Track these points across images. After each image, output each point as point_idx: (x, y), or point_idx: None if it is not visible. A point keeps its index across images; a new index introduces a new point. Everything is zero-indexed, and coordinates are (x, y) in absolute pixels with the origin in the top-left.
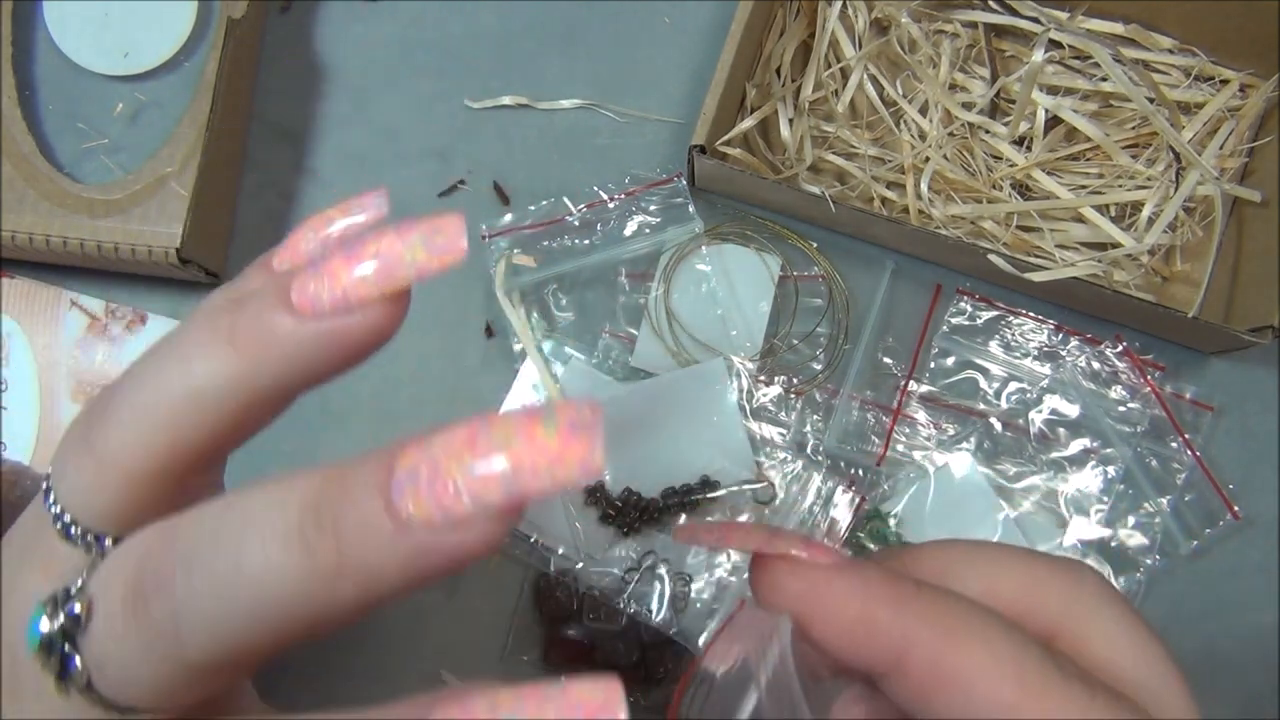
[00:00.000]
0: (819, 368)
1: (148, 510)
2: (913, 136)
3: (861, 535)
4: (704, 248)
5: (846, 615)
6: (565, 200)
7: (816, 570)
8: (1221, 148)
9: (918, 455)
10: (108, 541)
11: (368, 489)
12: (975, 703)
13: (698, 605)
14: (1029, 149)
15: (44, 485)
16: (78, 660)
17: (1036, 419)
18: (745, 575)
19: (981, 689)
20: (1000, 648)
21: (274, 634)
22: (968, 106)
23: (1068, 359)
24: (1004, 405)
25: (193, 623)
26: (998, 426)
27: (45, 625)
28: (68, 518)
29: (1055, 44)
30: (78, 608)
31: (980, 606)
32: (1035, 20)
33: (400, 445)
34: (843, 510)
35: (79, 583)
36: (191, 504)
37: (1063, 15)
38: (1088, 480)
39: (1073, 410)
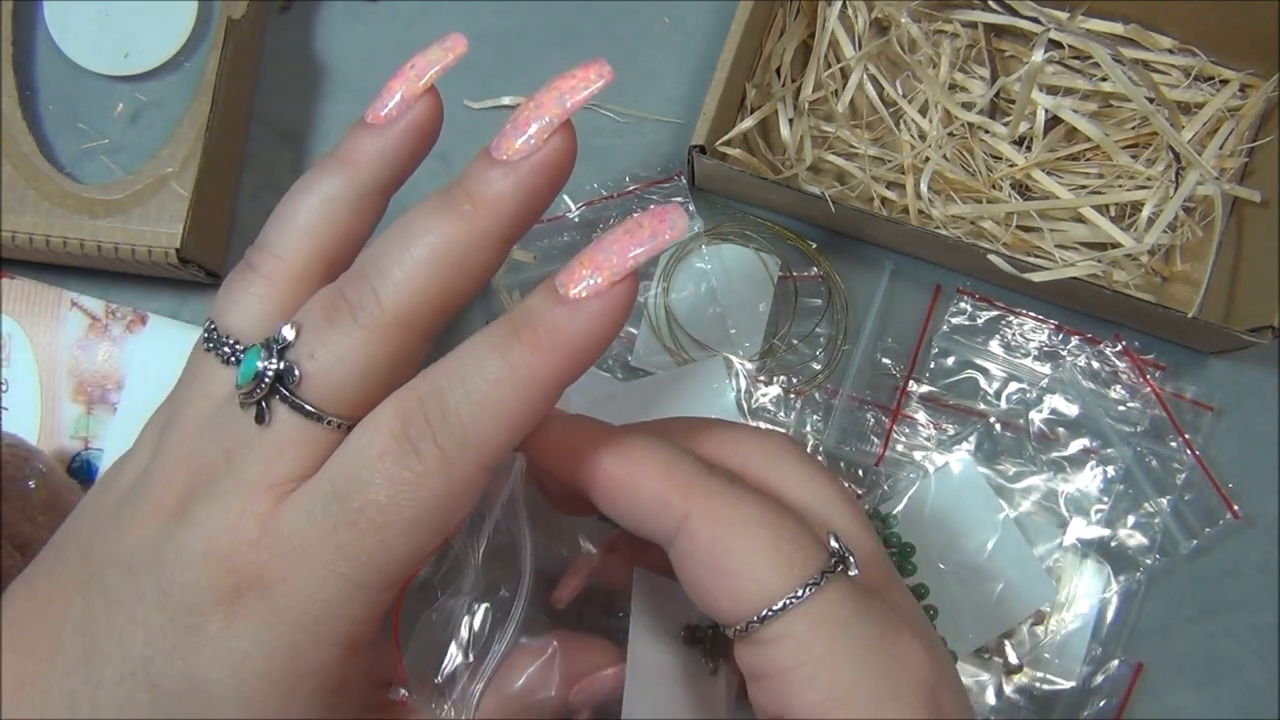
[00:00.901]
0: (818, 368)
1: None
2: (913, 136)
3: None
4: (703, 247)
5: (555, 444)
6: (565, 198)
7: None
8: (1221, 148)
9: (917, 455)
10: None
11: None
12: (640, 497)
13: None
14: (1029, 149)
15: (204, 338)
16: (296, 370)
17: (1036, 419)
18: None
19: (642, 487)
20: (659, 456)
21: (442, 287)
22: (968, 106)
23: (1068, 359)
24: (1004, 405)
25: (387, 287)
26: (998, 426)
27: (262, 359)
28: (239, 344)
29: (1055, 44)
30: (287, 331)
31: (652, 436)
32: (1035, 20)
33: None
34: None
35: (274, 333)
36: None
37: (1063, 15)
38: (1087, 480)
39: (1073, 410)
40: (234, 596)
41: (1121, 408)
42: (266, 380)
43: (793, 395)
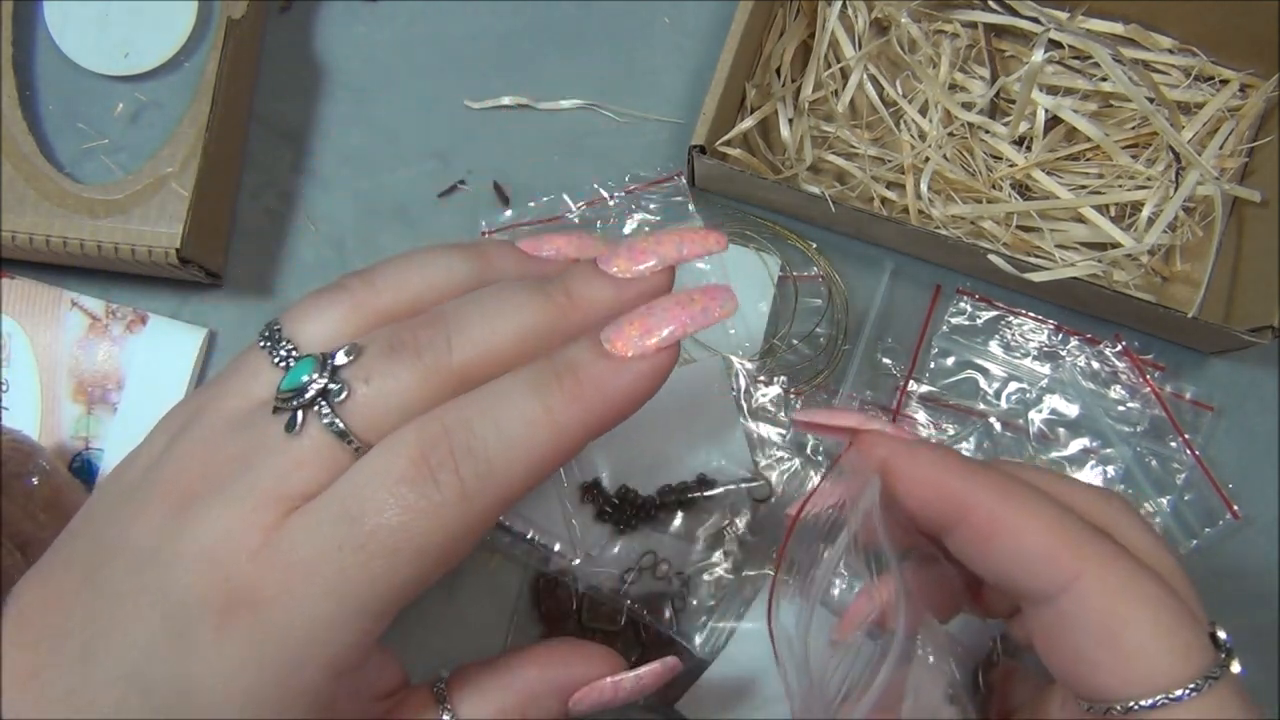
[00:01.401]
0: (819, 368)
1: None
2: (913, 136)
3: None
4: None
5: (923, 476)
6: (565, 198)
7: (902, 442)
8: (1221, 148)
9: None
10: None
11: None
12: (1025, 547)
13: (695, 604)
14: (1029, 149)
15: (266, 334)
16: (346, 390)
17: (1036, 419)
18: (744, 573)
19: (1030, 535)
20: (1044, 507)
21: (511, 359)
22: (968, 106)
23: (1067, 359)
24: (1004, 405)
25: (462, 338)
26: (998, 426)
27: (312, 372)
28: (296, 350)
29: (1055, 44)
30: (343, 355)
31: (1030, 486)
32: (1035, 20)
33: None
34: None
35: (333, 350)
36: None
37: (1063, 15)
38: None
39: (1072, 410)
40: (227, 608)
41: (1121, 408)
42: (311, 392)
43: (793, 395)
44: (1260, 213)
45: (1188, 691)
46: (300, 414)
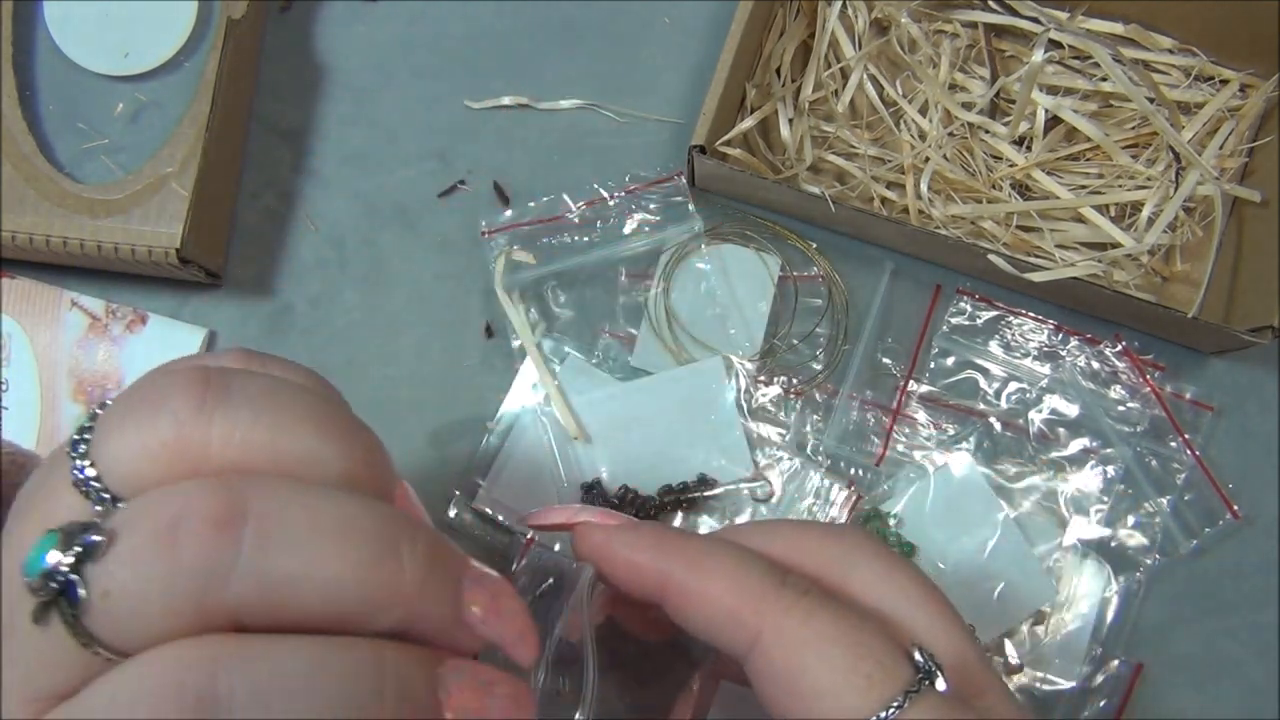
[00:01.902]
0: (818, 368)
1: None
2: (913, 136)
3: None
4: (704, 247)
5: (620, 559)
6: (565, 197)
7: (602, 530)
8: (1221, 148)
9: (917, 455)
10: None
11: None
12: (712, 612)
13: None
14: (1029, 149)
15: (79, 434)
16: (81, 590)
17: (1036, 419)
18: None
19: (713, 601)
20: (729, 569)
21: (329, 606)
22: (968, 106)
23: (1067, 359)
24: (1004, 405)
25: (254, 568)
26: (997, 426)
27: (54, 555)
28: (94, 476)
29: (1055, 44)
30: (97, 538)
31: (725, 544)
32: (1035, 20)
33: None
34: (839, 508)
35: (95, 520)
36: None
37: (1063, 15)
38: (1088, 480)
39: (1072, 410)
40: None
41: (1121, 408)
42: (53, 583)
43: (793, 395)
44: (1260, 213)
45: (880, 718)
46: (48, 606)
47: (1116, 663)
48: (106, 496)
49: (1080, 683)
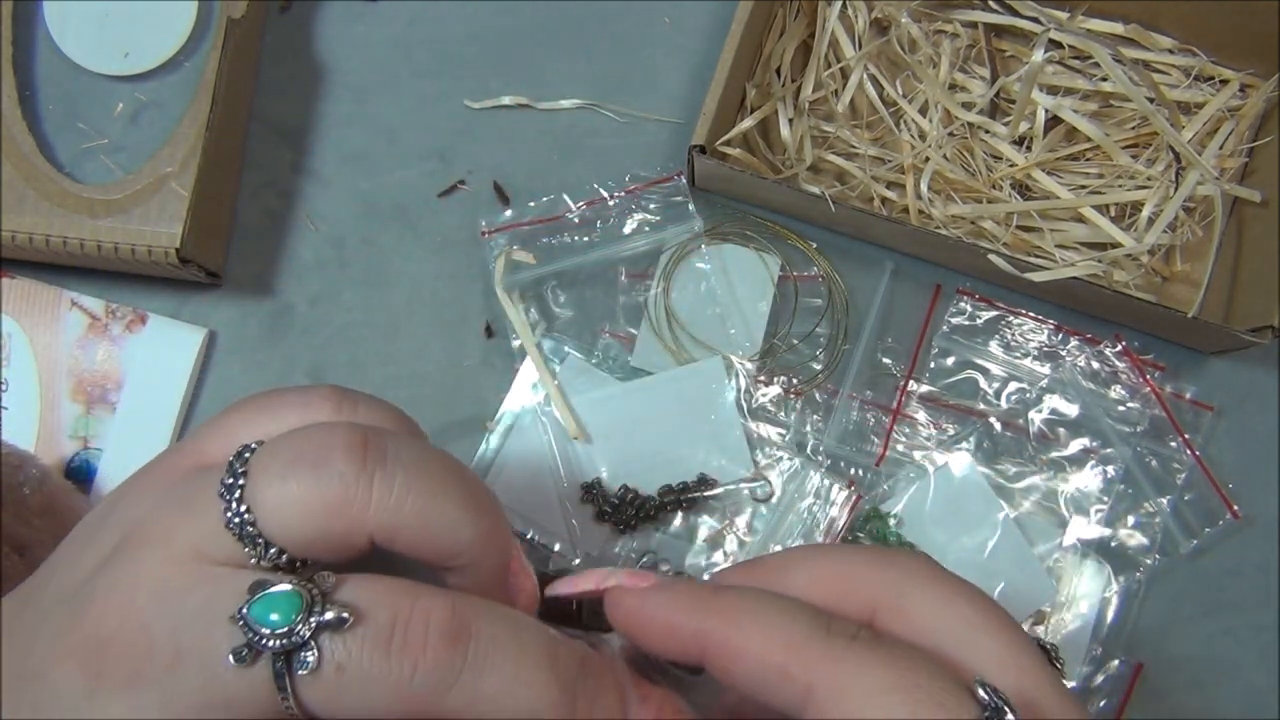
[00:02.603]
0: (818, 368)
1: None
2: (913, 136)
3: (861, 535)
4: (704, 247)
5: (657, 623)
6: (565, 197)
7: (635, 595)
8: (1221, 148)
9: (917, 455)
10: (282, 554)
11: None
12: (757, 670)
13: None
14: (1029, 149)
15: (231, 476)
16: (311, 655)
17: (1036, 419)
18: None
19: (757, 658)
20: (772, 622)
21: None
22: (968, 106)
23: (1067, 359)
24: (1004, 405)
25: (473, 681)
26: (997, 426)
27: (293, 619)
28: (251, 520)
29: (1055, 44)
30: (346, 615)
31: (762, 595)
32: (1035, 20)
33: None
34: (839, 508)
35: (314, 585)
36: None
37: (1063, 15)
38: (1088, 480)
39: (1072, 410)
40: None
41: (1121, 408)
42: (276, 643)
43: (793, 395)
44: (1260, 213)
45: None
46: (257, 654)
47: (1116, 663)
48: (261, 542)
49: (1080, 683)
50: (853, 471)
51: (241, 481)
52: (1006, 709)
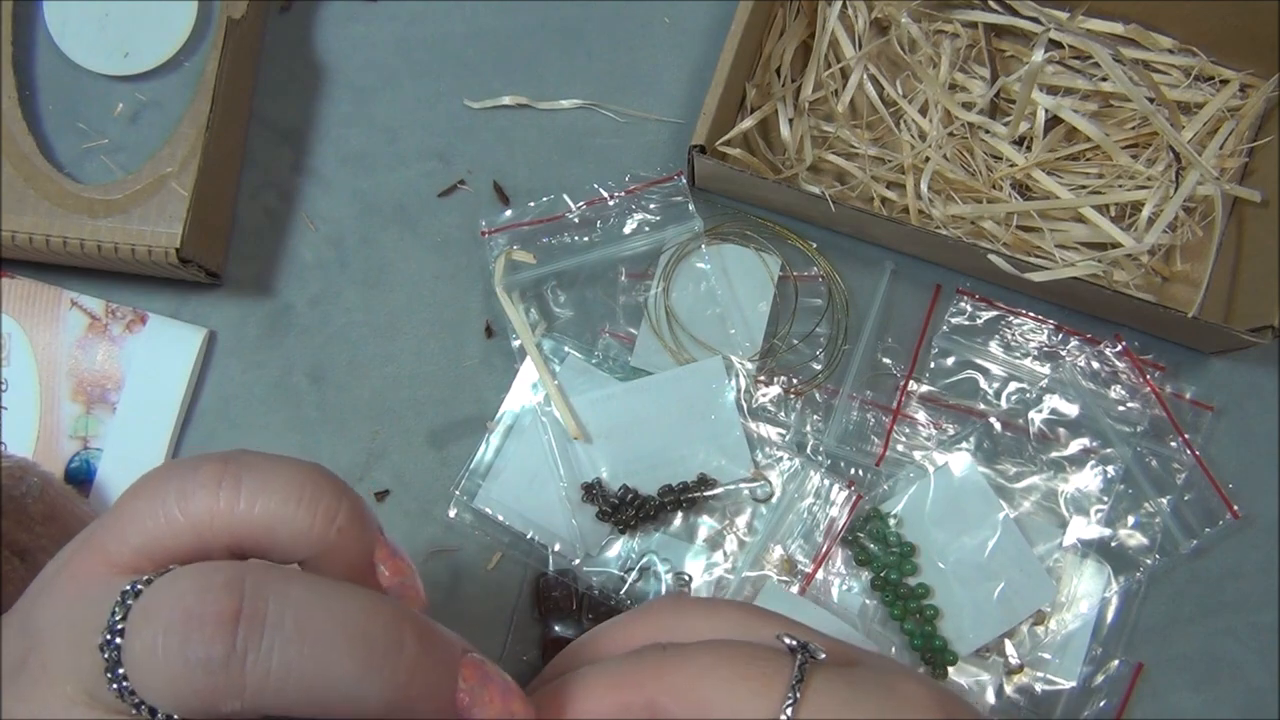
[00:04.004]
0: (818, 368)
1: None
2: (913, 136)
3: (861, 535)
4: (703, 247)
5: None
6: (565, 197)
7: None
8: (1221, 148)
9: (917, 455)
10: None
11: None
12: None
13: None
14: (1029, 149)
15: (109, 632)
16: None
17: (1036, 419)
18: (744, 574)
19: (601, 709)
20: (590, 680)
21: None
22: (968, 106)
23: (1067, 359)
24: (1004, 405)
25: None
26: (998, 426)
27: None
28: (130, 689)
29: (1055, 44)
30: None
31: (573, 669)
32: (1035, 20)
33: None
34: (839, 508)
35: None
36: None
37: (1063, 15)
38: (1088, 480)
39: (1072, 410)
40: None
41: (1121, 408)
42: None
43: (793, 395)
44: (1260, 213)
45: (787, 711)
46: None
47: (1116, 663)
48: (144, 707)
49: (1080, 683)
50: (853, 471)
51: (119, 638)
52: (810, 644)
